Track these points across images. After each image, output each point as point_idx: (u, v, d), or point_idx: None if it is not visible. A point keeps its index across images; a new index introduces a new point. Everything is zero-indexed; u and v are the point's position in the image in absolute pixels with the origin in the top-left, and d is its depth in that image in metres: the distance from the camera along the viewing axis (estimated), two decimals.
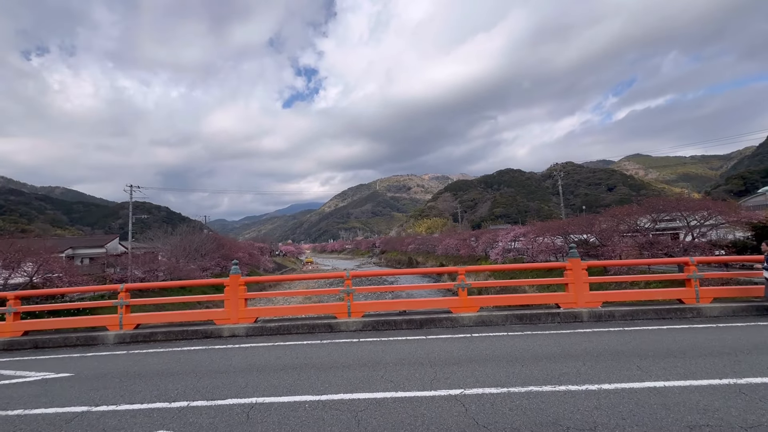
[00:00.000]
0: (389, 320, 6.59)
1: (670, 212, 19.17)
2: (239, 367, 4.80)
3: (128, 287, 6.92)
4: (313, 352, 5.34)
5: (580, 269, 6.74)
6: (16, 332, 6.80)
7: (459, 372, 4.16)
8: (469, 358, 4.70)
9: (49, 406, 3.77)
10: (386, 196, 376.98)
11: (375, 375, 4.19)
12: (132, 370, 4.95)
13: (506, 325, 6.47)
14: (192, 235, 36.87)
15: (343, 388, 3.82)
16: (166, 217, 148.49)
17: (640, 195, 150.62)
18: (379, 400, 3.51)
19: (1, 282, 18.23)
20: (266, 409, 3.43)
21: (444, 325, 6.57)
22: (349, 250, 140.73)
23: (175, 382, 4.28)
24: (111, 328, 6.83)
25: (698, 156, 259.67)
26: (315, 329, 6.63)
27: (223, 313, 6.82)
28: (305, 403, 3.50)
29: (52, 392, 4.18)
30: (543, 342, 5.30)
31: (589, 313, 6.51)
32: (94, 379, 4.61)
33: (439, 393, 3.60)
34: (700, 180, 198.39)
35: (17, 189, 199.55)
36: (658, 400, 3.25)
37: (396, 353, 5.06)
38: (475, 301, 6.75)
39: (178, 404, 3.63)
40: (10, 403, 3.92)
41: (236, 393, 3.84)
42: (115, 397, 3.92)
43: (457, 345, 5.34)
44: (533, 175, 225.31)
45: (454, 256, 52.73)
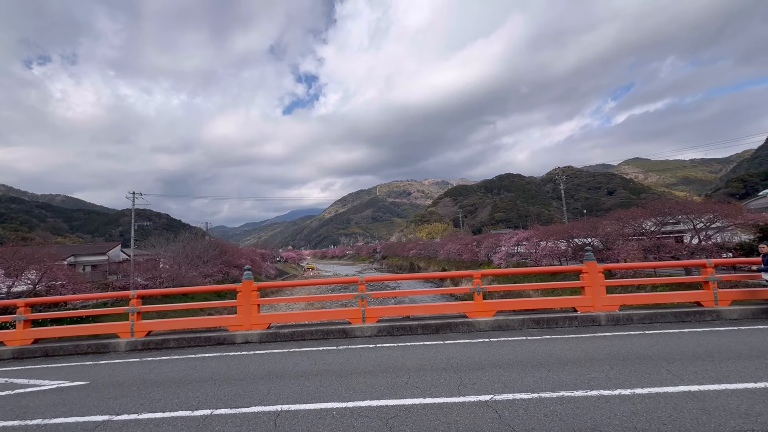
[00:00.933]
0: (404, 325, 6.50)
1: (675, 215, 19.10)
2: (258, 374, 4.71)
3: (140, 294, 6.84)
4: (331, 359, 5.25)
5: (597, 272, 6.67)
6: (26, 340, 6.71)
7: (485, 377, 4.08)
8: (492, 363, 4.61)
9: (68, 415, 3.69)
10: (386, 201, 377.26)
11: (399, 381, 4.11)
12: (148, 377, 4.86)
13: (523, 330, 6.38)
14: (194, 241, 36.78)
15: (369, 395, 3.74)
16: (167, 224, 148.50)
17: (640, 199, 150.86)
18: (408, 406, 3.42)
19: (5, 290, 18.15)
20: (293, 416, 3.35)
21: (460, 329, 6.48)
22: (350, 255, 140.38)
23: (195, 390, 4.20)
24: (122, 335, 6.74)
25: (698, 159, 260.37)
26: (329, 335, 6.54)
27: (235, 320, 6.73)
28: (332, 411, 3.42)
29: (70, 401, 4.09)
30: (565, 346, 5.22)
31: (607, 317, 6.43)
32: (110, 388, 4.52)
33: (468, 399, 3.52)
34: (700, 183, 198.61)
35: (18, 197, 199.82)
36: (697, 404, 3.17)
37: (416, 359, 4.97)
38: (491, 305, 6.67)
39: (202, 412, 3.54)
40: (28, 412, 3.84)
41: (259, 400, 3.76)
42: (135, 405, 3.84)
43: (477, 350, 5.26)
44: (533, 180, 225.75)
45: (456, 260, 52.57)
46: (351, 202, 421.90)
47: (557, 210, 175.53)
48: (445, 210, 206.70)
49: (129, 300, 6.79)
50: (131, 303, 6.76)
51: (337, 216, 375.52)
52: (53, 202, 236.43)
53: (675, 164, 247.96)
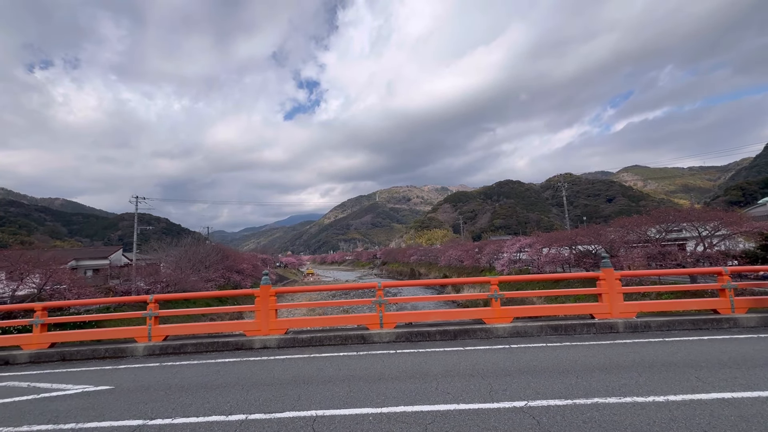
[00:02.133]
0: (422, 331, 6.51)
1: (680, 223, 19.19)
2: (284, 379, 4.71)
3: (157, 298, 6.84)
4: (354, 364, 5.25)
5: (614, 279, 6.70)
6: (43, 344, 6.69)
7: (514, 384, 4.09)
8: (518, 369, 4.62)
9: (102, 419, 3.69)
10: (386, 207, 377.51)
11: (428, 387, 4.11)
12: (172, 382, 4.85)
13: (541, 336, 6.40)
14: (196, 246, 36.72)
15: (402, 401, 3.75)
16: (166, 228, 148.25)
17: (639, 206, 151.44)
18: (444, 412, 3.43)
19: (9, 293, 18.07)
20: (330, 421, 3.35)
21: (478, 336, 6.49)
22: (350, 261, 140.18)
23: (224, 395, 4.20)
24: (140, 339, 6.72)
25: (696, 167, 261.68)
26: (347, 340, 6.54)
27: (253, 325, 6.73)
28: (368, 416, 3.42)
29: (100, 405, 4.09)
30: (587, 353, 5.23)
31: (624, 324, 6.45)
32: (136, 392, 4.51)
33: (502, 405, 3.53)
34: (699, 191, 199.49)
35: (17, 201, 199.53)
36: (734, 411, 3.19)
37: (441, 365, 4.98)
38: (509, 312, 6.69)
39: (236, 417, 3.55)
40: (59, 416, 3.83)
41: (292, 406, 3.76)
42: (166, 410, 3.84)
43: (500, 356, 5.27)
44: (532, 187, 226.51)
45: (457, 267, 52.54)
46: (350, 208, 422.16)
47: (557, 217, 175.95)
48: (444, 216, 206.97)
49: (146, 304, 6.79)
50: (149, 307, 6.76)
51: (336, 221, 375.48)
52: (52, 206, 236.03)
53: (674, 172, 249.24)
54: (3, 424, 3.70)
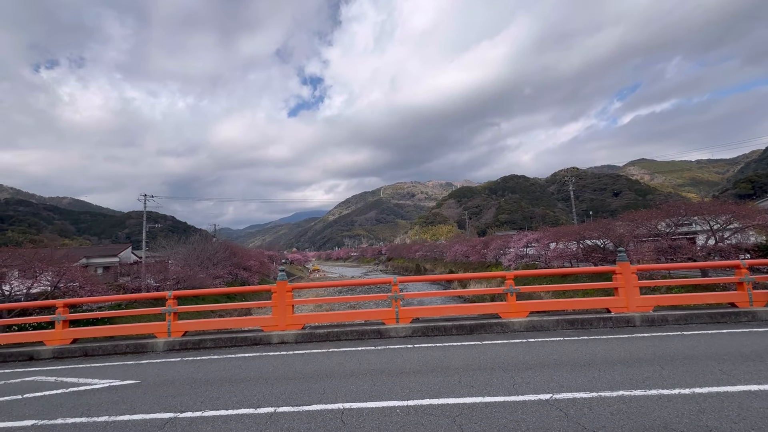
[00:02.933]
0: (439, 326, 6.54)
1: (691, 216, 19.01)
2: (306, 373, 4.77)
3: (176, 294, 6.94)
4: (373, 358, 5.30)
5: (630, 273, 6.69)
6: (66, 340, 6.82)
7: (536, 377, 4.12)
8: (538, 363, 4.65)
9: (133, 412, 3.77)
10: (390, 203, 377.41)
11: (451, 380, 4.15)
12: (197, 377, 4.93)
13: (557, 330, 6.41)
14: (204, 243, 37.02)
15: (426, 394, 3.79)
16: (172, 226, 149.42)
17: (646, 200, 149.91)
18: (470, 405, 3.47)
19: (24, 291, 18.38)
20: (358, 414, 3.40)
21: (494, 330, 6.52)
22: (355, 257, 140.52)
23: (249, 389, 4.26)
24: (159, 335, 6.83)
25: (704, 160, 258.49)
26: (364, 335, 6.60)
27: (270, 320, 6.81)
28: (396, 409, 3.47)
29: (129, 399, 4.17)
30: (607, 347, 5.24)
31: (641, 318, 6.44)
32: (162, 386, 4.59)
33: (528, 398, 3.56)
34: (707, 184, 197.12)
35: (26, 200, 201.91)
36: (763, 404, 3.19)
37: (460, 359, 5.01)
38: (524, 306, 6.70)
39: (265, 410, 3.61)
40: (91, 410, 3.92)
41: (318, 399, 3.82)
42: (195, 403, 3.91)
43: (518, 350, 5.29)
44: (537, 181, 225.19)
45: (463, 262, 52.50)
46: (355, 204, 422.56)
47: (562, 211, 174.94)
48: (449, 212, 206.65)
49: (165, 300, 6.89)
50: (168, 303, 6.86)
51: (340, 218, 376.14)
52: (60, 205, 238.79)
53: (681, 165, 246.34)
54: (38, 417, 3.80)
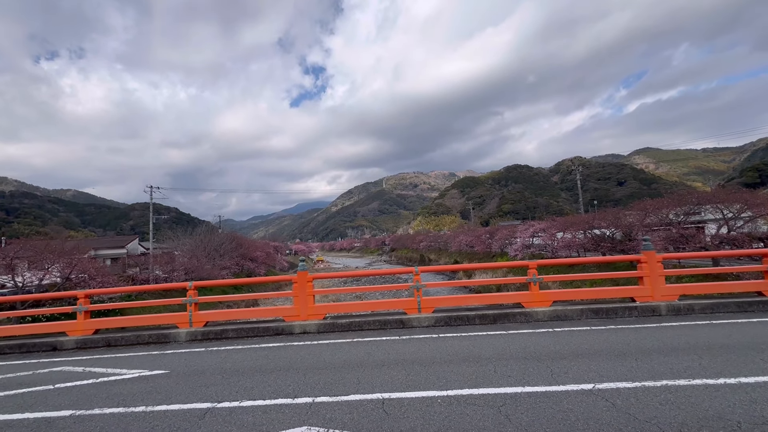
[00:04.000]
0: (461, 315, 6.50)
1: (704, 205, 18.82)
2: (335, 363, 4.75)
3: (197, 284, 6.92)
4: (400, 348, 5.27)
5: (656, 262, 6.60)
6: (88, 331, 6.83)
7: (573, 367, 4.06)
8: (572, 352, 4.59)
9: (169, 402, 3.75)
10: (393, 194, 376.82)
11: (486, 370, 4.11)
12: (225, 367, 4.92)
13: (582, 320, 6.35)
14: (211, 235, 37.13)
15: (464, 384, 3.74)
16: (176, 217, 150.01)
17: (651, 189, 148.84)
18: (512, 395, 3.42)
19: (36, 282, 18.52)
20: (399, 404, 3.37)
21: (518, 320, 6.47)
22: (358, 248, 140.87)
23: (282, 379, 4.24)
24: (181, 325, 6.83)
25: (710, 149, 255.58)
26: (386, 325, 6.57)
27: (292, 310, 6.79)
28: (437, 399, 3.43)
29: (162, 389, 4.16)
30: (636, 336, 5.18)
31: (667, 307, 6.37)
32: (193, 376, 4.58)
33: (569, 387, 3.51)
34: (713, 173, 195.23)
35: (30, 192, 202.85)
36: None
37: (490, 348, 4.97)
38: (547, 296, 6.64)
39: (303, 400, 3.58)
40: (126, 399, 3.91)
41: (355, 389, 3.78)
42: (230, 393, 3.89)
43: (548, 340, 5.24)
44: (541, 171, 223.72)
45: (468, 253, 52.50)
46: (357, 195, 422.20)
47: (566, 201, 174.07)
48: (452, 202, 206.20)
49: (186, 291, 6.87)
50: (188, 294, 6.84)
51: (343, 209, 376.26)
52: (64, 197, 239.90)
53: (687, 154, 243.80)
54: (74, 407, 3.79)
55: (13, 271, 17.46)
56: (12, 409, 3.86)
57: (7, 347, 6.78)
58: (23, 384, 4.74)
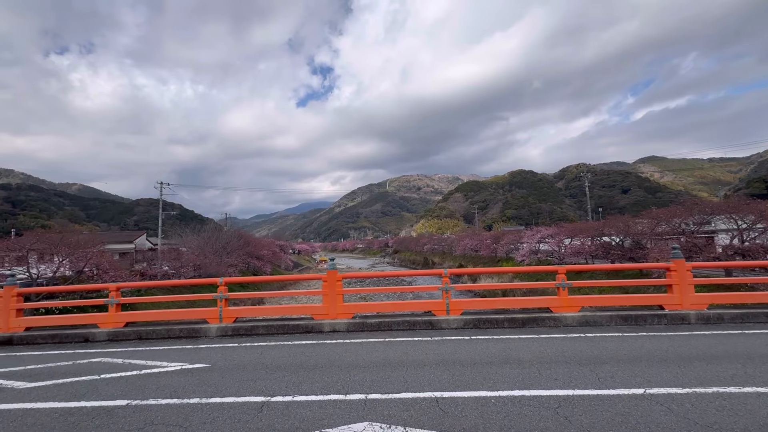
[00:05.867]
0: (490, 318, 6.54)
1: (717, 214, 18.78)
2: (375, 361, 4.80)
3: (227, 281, 6.99)
4: (435, 348, 5.31)
5: (685, 270, 6.62)
6: (119, 323, 6.92)
7: (618, 371, 4.10)
8: (611, 357, 4.63)
9: (222, 395, 3.81)
10: (396, 196, 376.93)
11: (530, 373, 4.15)
12: (265, 362, 4.98)
13: (611, 326, 6.38)
14: (218, 232, 37.31)
15: (513, 385, 3.79)
16: (180, 214, 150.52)
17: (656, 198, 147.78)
18: (564, 397, 3.46)
19: (49, 274, 18.68)
20: (453, 403, 3.41)
21: (547, 324, 6.51)
22: (361, 249, 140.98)
23: (327, 375, 4.29)
24: (211, 321, 6.90)
25: (717, 158, 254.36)
26: (415, 326, 6.62)
27: (321, 308, 6.85)
28: (490, 399, 3.47)
29: (210, 382, 4.22)
30: (672, 343, 5.21)
31: (696, 315, 6.39)
32: (235, 371, 4.64)
33: (620, 392, 3.54)
34: (719, 183, 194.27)
35: (36, 185, 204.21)
36: None
37: (527, 351, 5.01)
38: (576, 301, 6.67)
39: (356, 397, 3.63)
40: (178, 391, 3.97)
41: (404, 387, 3.83)
42: (280, 388, 3.94)
43: (583, 344, 5.27)
44: (545, 177, 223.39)
45: (473, 256, 52.48)
46: (361, 196, 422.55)
47: (570, 208, 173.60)
48: (455, 206, 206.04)
49: (217, 287, 6.95)
50: (219, 290, 6.92)
51: (346, 210, 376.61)
52: (69, 191, 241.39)
53: (693, 163, 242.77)
54: (128, 397, 3.85)
55: (29, 262, 17.62)
56: (66, 397, 3.94)
57: (41, 338, 6.88)
58: (68, 374, 4.81)
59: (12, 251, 17.81)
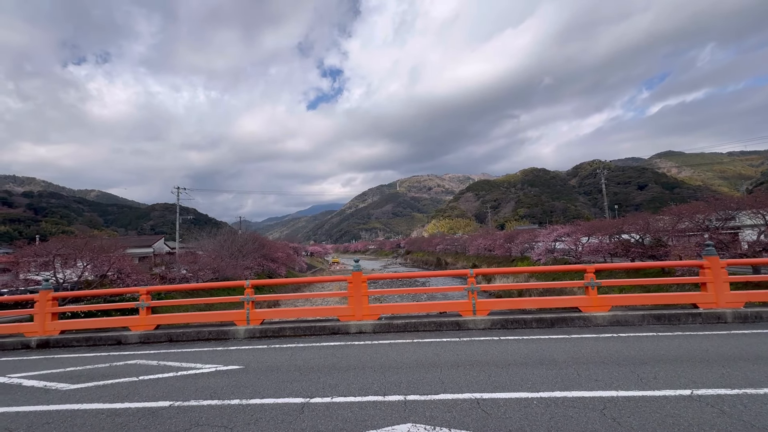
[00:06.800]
0: (518, 318, 6.47)
1: (744, 210, 18.22)
2: (407, 362, 4.78)
3: (254, 283, 7.08)
4: (465, 349, 5.28)
5: (720, 268, 6.43)
6: (150, 326, 7.06)
7: (660, 372, 4.00)
8: (650, 358, 4.52)
9: (261, 396, 3.85)
10: (407, 196, 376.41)
11: (568, 373, 4.08)
12: (297, 363, 5.01)
13: (644, 326, 6.24)
14: (234, 235, 37.82)
15: (554, 386, 3.73)
16: (195, 218, 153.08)
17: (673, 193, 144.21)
18: (608, 398, 3.39)
19: (75, 279, 19.20)
20: (494, 404, 3.38)
21: (576, 324, 6.40)
22: (373, 250, 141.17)
23: (363, 377, 4.30)
24: (239, 323, 6.99)
25: (737, 152, 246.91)
26: (442, 327, 6.58)
27: (347, 310, 6.87)
28: (532, 400, 3.43)
29: (248, 383, 4.27)
30: (711, 343, 5.06)
31: (733, 314, 6.20)
32: (270, 372, 4.68)
33: (666, 393, 3.46)
34: (740, 177, 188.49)
35: (57, 192, 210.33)
36: None
37: (561, 352, 4.93)
38: (606, 300, 6.55)
39: (394, 398, 3.62)
40: (217, 392, 4.03)
41: (442, 388, 3.81)
42: (317, 389, 3.96)
43: (617, 344, 5.17)
44: (558, 174, 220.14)
45: (486, 256, 52.04)
46: (371, 197, 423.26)
47: (584, 205, 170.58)
48: (466, 205, 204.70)
49: (244, 289, 7.04)
50: (246, 292, 7.01)
51: (357, 211, 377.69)
52: (88, 197, 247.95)
53: (711, 158, 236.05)
54: (170, 398, 3.92)
55: (55, 267, 18.15)
56: (110, 398, 4.03)
57: (75, 340, 7.07)
58: (107, 375, 4.93)
59: (39, 256, 18.35)
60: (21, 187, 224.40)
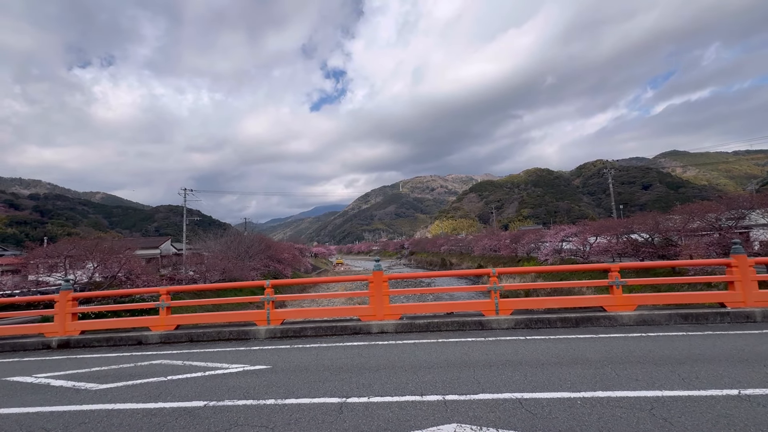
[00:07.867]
0: (542, 318, 6.40)
1: (757, 209, 18.05)
2: (437, 362, 4.72)
3: (274, 283, 7.04)
4: (493, 349, 5.21)
5: (747, 266, 6.34)
6: (170, 326, 7.04)
7: (702, 372, 3.92)
8: (687, 357, 4.44)
9: (296, 396, 3.80)
10: (410, 197, 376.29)
11: (606, 373, 4.01)
12: (324, 363, 4.96)
13: (671, 325, 6.16)
14: (240, 237, 37.89)
15: (594, 386, 3.66)
16: (199, 220, 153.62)
17: (678, 193, 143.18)
18: (655, 398, 3.32)
19: (85, 279, 19.28)
20: (538, 404, 3.32)
21: (602, 323, 6.33)
22: (376, 251, 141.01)
23: (395, 377, 4.24)
24: (259, 323, 6.96)
25: (742, 151, 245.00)
26: (465, 326, 6.52)
27: (368, 310, 6.82)
28: (576, 400, 3.37)
29: (280, 383, 4.22)
30: (745, 342, 4.97)
31: (762, 313, 6.10)
32: (299, 372, 4.64)
33: (713, 393, 3.39)
34: (746, 177, 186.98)
35: (62, 195, 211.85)
36: None
37: (593, 352, 4.85)
38: (631, 299, 6.46)
39: (432, 398, 3.57)
40: (250, 392, 3.99)
41: (479, 388, 3.75)
42: (352, 389, 3.91)
43: (648, 344, 5.09)
44: (562, 174, 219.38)
45: (492, 257, 51.84)
46: (374, 198, 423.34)
47: (588, 205, 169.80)
48: (470, 206, 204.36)
49: (264, 289, 7.01)
50: (266, 292, 6.97)
51: (360, 212, 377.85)
52: (93, 200, 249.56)
53: (717, 157, 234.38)
54: (203, 398, 3.88)
55: (66, 269, 18.23)
56: (142, 398, 4.00)
57: (96, 341, 7.06)
58: (134, 375, 4.90)
59: (50, 258, 18.45)
60: (27, 189, 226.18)
